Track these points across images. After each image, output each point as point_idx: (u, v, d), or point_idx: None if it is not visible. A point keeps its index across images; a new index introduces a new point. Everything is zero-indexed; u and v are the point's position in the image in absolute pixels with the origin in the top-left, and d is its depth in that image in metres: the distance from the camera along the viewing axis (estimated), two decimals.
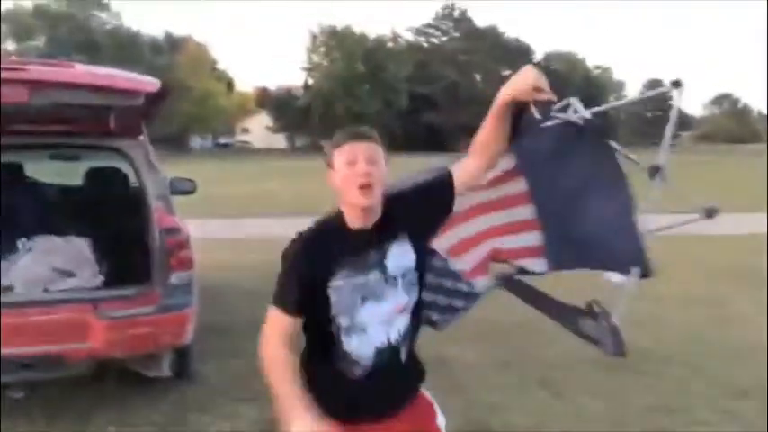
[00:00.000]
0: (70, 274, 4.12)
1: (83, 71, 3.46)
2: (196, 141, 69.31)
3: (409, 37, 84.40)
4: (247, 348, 5.18)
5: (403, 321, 1.93)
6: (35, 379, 3.70)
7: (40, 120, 3.62)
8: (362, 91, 71.17)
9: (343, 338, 1.90)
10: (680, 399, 4.22)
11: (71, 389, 4.21)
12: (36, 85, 3.17)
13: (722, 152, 68.75)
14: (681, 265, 8.81)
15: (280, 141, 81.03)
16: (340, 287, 1.86)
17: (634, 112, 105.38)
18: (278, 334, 1.88)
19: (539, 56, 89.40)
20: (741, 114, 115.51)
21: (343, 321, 1.89)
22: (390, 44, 77.92)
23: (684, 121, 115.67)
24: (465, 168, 2.01)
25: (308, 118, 74.61)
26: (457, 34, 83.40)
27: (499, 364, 4.85)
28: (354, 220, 1.89)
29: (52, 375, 3.76)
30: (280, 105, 79.97)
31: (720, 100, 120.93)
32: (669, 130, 2.13)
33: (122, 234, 4.44)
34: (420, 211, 1.96)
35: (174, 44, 67.95)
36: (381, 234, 1.90)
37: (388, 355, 1.92)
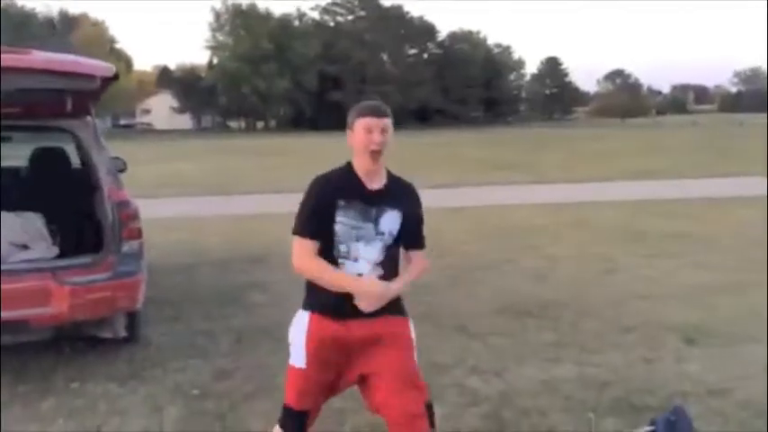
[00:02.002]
0: (25, 247, 4.41)
1: (42, 57, 3.74)
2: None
3: (315, 15, 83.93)
4: (185, 316, 5.62)
5: (383, 265, 2.52)
6: (5, 342, 3.99)
7: (6, 103, 3.87)
8: (269, 70, 70.41)
9: (340, 262, 2.48)
10: (575, 336, 4.94)
11: (32, 353, 4.51)
12: (3, 71, 3.45)
13: (614, 125, 72.34)
14: (574, 228, 9.75)
15: (182, 122, 79.08)
16: (343, 223, 2.47)
17: (534, 90, 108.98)
18: (307, 254, 2.47)
19: (442, 35, 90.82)
20: (632, 89, 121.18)
21: (342, 249, 2.48)
22: (296, 23, 77.26)
23: (580, 97, 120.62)
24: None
25: (213, 97, 73.25)
26: (363, 13, 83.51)
27: (421, 316, 5.45)
28: (362, 175, 2.51)
29: (19, 340, 4.06)
30: (184, 85, 77.98)
31: (613, 76, 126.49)
32: None
33: (72, 209, 4.73)
34: (415, 207, 2.62)
35: (69, 22, 65.02)
36: (383, 198, 2.52)
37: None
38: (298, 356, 2.51)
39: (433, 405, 2.53)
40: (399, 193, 2.58)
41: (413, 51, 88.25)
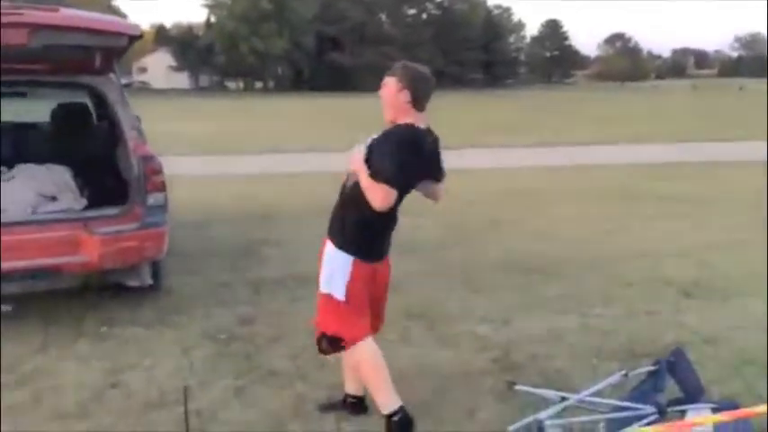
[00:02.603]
0: (54, 198, 4.58)
1: (73, 14, 3.86)
2: None
3: None
4: (202, 269, 5.83)
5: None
6: (38, 289, 4.19)
7: (31, 60, 4.01)
8: (268, 30, 69.69)
9: None
10: (578, 289, 5.17)
11: (60, 300, 4.72)
12: (34, 27, 3.59)
13: (613, 89, 72.04)
14: (575, 190, 9.95)
15: (180, 81, 78.46)
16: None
17: (534, 52, 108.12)
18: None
19: None
20: (632, 53, 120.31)
21: None
22: None
23: (580, 61, 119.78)
24: None
25: (211, 56, 72.61)
26: None
27: (430, 272, 5.67)
28: None
29: (53, 286, 4.27)
30: (181, 44, 77.22)
31: (613, 39, 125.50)
32: None
33: (97, 163, 4.90)
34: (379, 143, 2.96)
35: None
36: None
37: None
38: (338, 291, 2.92)
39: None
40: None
41: (412, 12, 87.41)
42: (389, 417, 2.94)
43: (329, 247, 2.98)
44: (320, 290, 3.00)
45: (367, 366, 2.97)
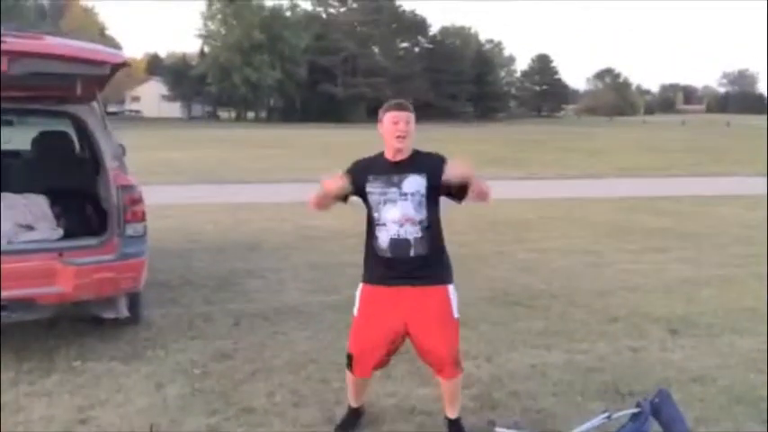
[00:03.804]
0: (30, 228, 4.50)
1: (56, 42, 3.82)
2: None
3: (307, 6, 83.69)
4: (183, 299, 5.74)
5: (412, 228, 3.06)
6: (11, 320, 4.07)
7: (14, 87, 3.95)
8: (260, 60, 70.18)
9: (376, 228, 3.11)
10: (563, 325, 5.09)
11: (35, 332, 4.61)
12: (14, 54, 3.54)
13: (602, 123, 72.71)
14: (563, 222, 9.93)
15: (172, 110, 78.70)
16: (373, 191, 3.10)
17: (524, 87, 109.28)
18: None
19: (434, 29, 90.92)
20: (621, 88, 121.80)
21: (375, 215, 3.11)
22: (288, 13, 76.98)
23: (569, 95, 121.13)
24: None
25: (203, 86, 72.94)
26: (355, 5, 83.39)
27: None
28: (390, 156, 3.12)
29: (25, 317, 4.16)
30: (174, 73, 77.57)
31: (602, 74, 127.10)
32: None
33: (76, 192, 4.82)
34: (437, 169, 3.02)
35: (58, 9, 64.52)
36: (405, 167, 3.09)
37: (401, 246, 3.07)
38: (355, 309, 3.21)
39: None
40: (423, 161, 3.11)
41: (404, 45, 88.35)
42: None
43: None
44: None
45: None
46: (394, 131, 3.03)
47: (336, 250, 7.61)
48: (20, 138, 6.06)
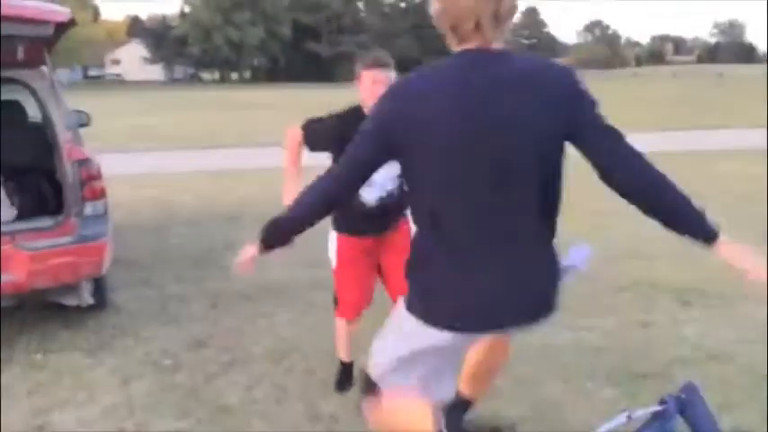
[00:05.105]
0: None
1: None
2: (64, 74, 65.03)
3: None
4: (155, 278, 5.34)
5: (393, 184, 3.01)
6: None
7: None
8: (243, 20, 68.69)
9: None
10: (567, 298, 4.72)
11: None
12: None
13: (593, 76, 71.99)
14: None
15: (154, 73, 77.33)
16: None
17: (512, 40, 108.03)
18: (292, 140, 3.09)
19: None
20: (611, 41, 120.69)
21: None
22: None
23: (558, 49, 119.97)
24: None
25: (185, 48, 71.51)
26: None
27: None
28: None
29: None
30: (155, 35, 76.02)
31: (592, 27, 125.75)
32: None
33: (31, 167, 4.38)
34: None
35: None
36: None
37: (386, 204, 3.06)
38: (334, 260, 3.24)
39: None
40: None
41: (389, 1, 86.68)
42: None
43: None
44: None
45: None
46: (375, 92, 2.65)
47: (324, 221, 7.20)
48: None
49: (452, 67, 1.82)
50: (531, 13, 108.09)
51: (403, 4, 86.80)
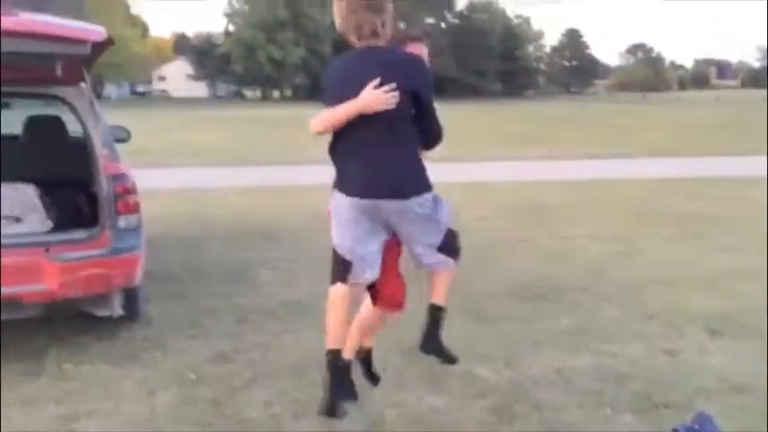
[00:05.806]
0: (17, 220, 4.22)
1: (29, 19, 3.50)
2: (112, 90, 66.75)
3: None
4: (189, 292, 5.44)
5: None
6: None
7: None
8: (285, 38, 69.69)
9: None
10: (593, 322, 4.70)
11: (23, 331, 4.35)
12: None
13: (634, 100, 71.14)
14: (592, 206, 9.46)
15: (198, 89, 78.82)
16: None
17: (553, 62, 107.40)
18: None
19: (461, 4, 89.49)
20: (654, 63, 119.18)
21: None
22: None
23: (600, 71, 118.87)
24: None
25: (229, 65, 72.78)
26: None
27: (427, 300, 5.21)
28: None
29: (11, 317, 3.90)
30: (200, 52, 77.58)
31: (635, 49, 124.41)
32: None
33: (68, 181, 4.53)
34: None
35: None
36: None
37: None
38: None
39: None
40: None
41: (430, 20, 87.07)
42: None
43: None
44: None
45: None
46: None
47: None
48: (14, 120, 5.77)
49: (357, 56, 3.03)
50: (573, 34, 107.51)
51: (443, 24, 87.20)
